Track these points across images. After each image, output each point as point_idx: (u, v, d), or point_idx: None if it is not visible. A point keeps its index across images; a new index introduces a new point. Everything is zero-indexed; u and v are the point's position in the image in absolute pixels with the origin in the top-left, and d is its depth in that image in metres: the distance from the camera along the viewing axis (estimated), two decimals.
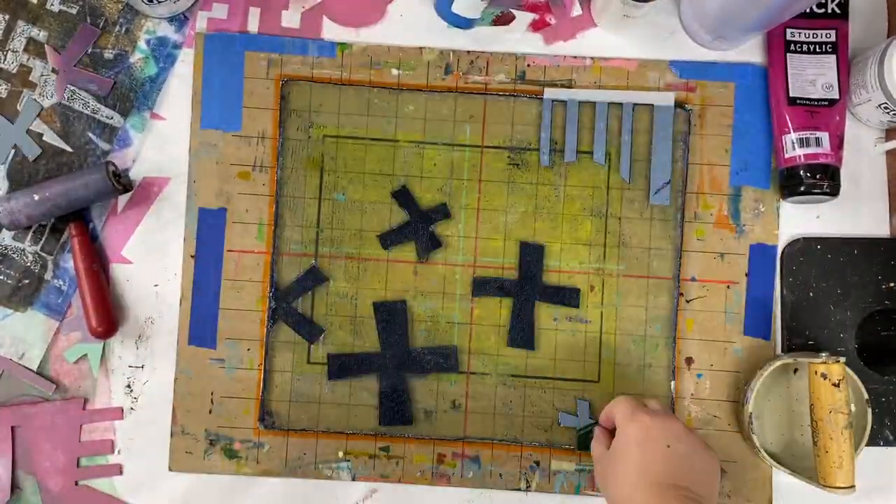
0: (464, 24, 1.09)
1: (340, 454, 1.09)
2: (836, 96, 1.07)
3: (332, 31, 1.12)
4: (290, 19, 1.12)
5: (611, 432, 1.00)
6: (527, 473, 1.09)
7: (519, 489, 1.09)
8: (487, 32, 1.12)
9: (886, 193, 1.11)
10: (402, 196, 1.10)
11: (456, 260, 1.10)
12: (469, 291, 1.10)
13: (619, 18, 1.07)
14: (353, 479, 1.09)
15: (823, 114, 1.07)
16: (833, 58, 1.08)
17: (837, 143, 1.07)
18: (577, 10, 1.13)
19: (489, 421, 1.09)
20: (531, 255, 1.10)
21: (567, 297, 1.10)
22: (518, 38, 1.12)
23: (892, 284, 1.09)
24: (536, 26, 1.12)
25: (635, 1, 1.01)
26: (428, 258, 1.10)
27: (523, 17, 1.12)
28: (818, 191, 1.05)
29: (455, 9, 1.06)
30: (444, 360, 1.09)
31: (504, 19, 1.12)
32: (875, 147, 1.11)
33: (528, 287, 1.10)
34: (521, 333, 1.10)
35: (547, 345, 1.10)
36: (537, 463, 1.09)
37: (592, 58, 1.11)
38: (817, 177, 1.05)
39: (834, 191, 1.06)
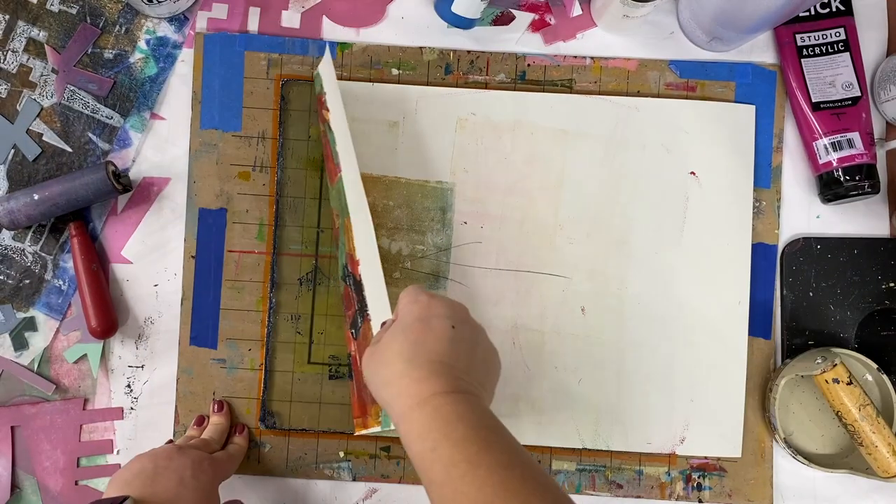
0: (464, 24, 1.09)
1: (341, 454, 1.09)
2: (858, 93, 1.08)
3: (332, 31, 1.12)
4: (291, 19, 1.12)
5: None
6: None
7: None
8: (487, 33, 1.12)
9: (886, 193, 1.11)
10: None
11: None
12: None
13: (619, 18, 1.07)
14: (354, 480, 1.09)
15: (850, 114, 1.08)
16: (846, 55, 1.09)
17: (869, 141, 1.07)
18: (576, 11, 1.13)
19: None
20: None
21: None
22: (518, 39, 1.12)
23: (891, 284, 1.09)
24: (536, 26, 1.12)
25: (635, 1, 1.01)
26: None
27: (523, 18, 1.12)
28: (859, 192, 1.06)
29: (455, 9, 1.06)
30: None
31: (504, 19, 1.12)
32: (876, 147, 1.11)
33: None
34: None
35: None
36: (538, 462, 1.08)
37: (592, 57, 1.11)
38: (856, 178, 1.06)
39: (875, 189, 1.07)
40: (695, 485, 1.08)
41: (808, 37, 1.09)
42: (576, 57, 1.11)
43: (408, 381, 0.78)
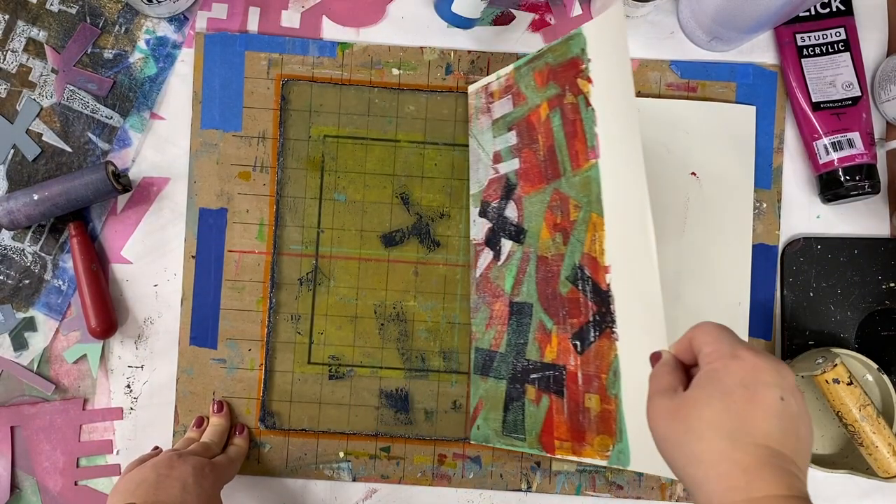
0: (464, 24, 1.08)
1: (341, 454, 1.09)
2: (859, 93, 1.08)
3: (332, 30, 1.12)
4: (290, 19, 1.12)
5: (685, 368, 0.76)
6: (528, 474, 1.09)
7: (520, 490, 1.09)
8: (487, 32, 1.12)
9: (887, 193, 1.11)
10: (407, 197, 1.10)
11: (457, 260, 1.10)
12: (470, 291, 1.10)
13: None
14: (354, 480, 1.09)
15: (850, 113, 1.08)
16: (847, 55, 1.09)
17: (869, 141, 1.07)
18: (576, 11, 1.13)
19: None
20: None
21: None
22: (518, 38, 1.12)
23: (892, 284, 1.09)
24: (536, 26, 1.12)
25: (635, 1, 1.01)
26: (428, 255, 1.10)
27: (523, 18, 1.12)
28: (859, 192, 1.06)
29: (455, 9, 1.06)
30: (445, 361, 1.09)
31: (504, 19, 1.12)
32: (876, 147, 1.11)
33: None
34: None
35: None
36: (538, 463, 1.09)
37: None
38: (857, 178, 1.06)
39: (875, 189, 1.07)
40: None
41: (809, 37, 1.09)
42: None
43: (729, 466, 0.64)
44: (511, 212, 1.05)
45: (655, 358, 0.77)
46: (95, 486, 1.08)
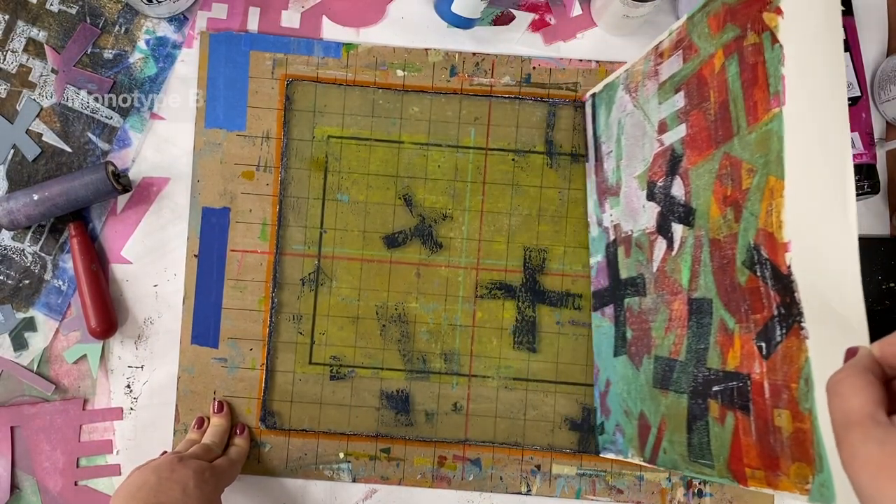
0: (464, 24, 1.09)
1: (341, 455, 1.09)
2: (858, 93, 1.08)
3: (332, 31, 1.12)
4: (290, 19, 1.12)
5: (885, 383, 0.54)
6: (528, 477, 1.09)
7: (520, 493, 1.09)
8: (487, 32, 1.12)
9: (887, 193, 1.12)
10: (410, 199, 1.10)
11: (459, 262, 1.10)
12: (472, 294, 1.10)
13: (619, 18, 1.07)
14: (354, 481, 1.09)
15: (850, 113, 1.06)
16: (846, 55, 1.08)
17: (869, 141, 1.08)
18: (576, 11, 1.13)
19: (490, 424, 1.09)
20: (534, 257, 1.10)
21: (570, 300, 1.10)
22: (518, 38, 1.12)
23: (892, 284, 1.09)
24: (536, 26, 1.13)
25: (635, 0, 1.01)
26: (432, 255, 1.10)
27: (523, 17, 1.13)
28: (859, 192, 1.07)
29: (455, 9, 1.06)
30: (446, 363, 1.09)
31: (504, 19, 1.12)
32: (876, 147, 1.11)
33: (531, 290, 1.10)
34: (524, 336, 1.10)
35: (549, 348, 1.10)
36: (538, 467, 1.09)
37: (598, 61, 1.11)
38: (856, 178, 1.06)
39: (875, 189, 1.07)
40: (696, 491, 1.08)
41: None
42: (581, 60, 1.12)
43: None
44: (678, 189, 0.89)
45: (851, 354, 0.58)
46: (95, 486, 1.08)
